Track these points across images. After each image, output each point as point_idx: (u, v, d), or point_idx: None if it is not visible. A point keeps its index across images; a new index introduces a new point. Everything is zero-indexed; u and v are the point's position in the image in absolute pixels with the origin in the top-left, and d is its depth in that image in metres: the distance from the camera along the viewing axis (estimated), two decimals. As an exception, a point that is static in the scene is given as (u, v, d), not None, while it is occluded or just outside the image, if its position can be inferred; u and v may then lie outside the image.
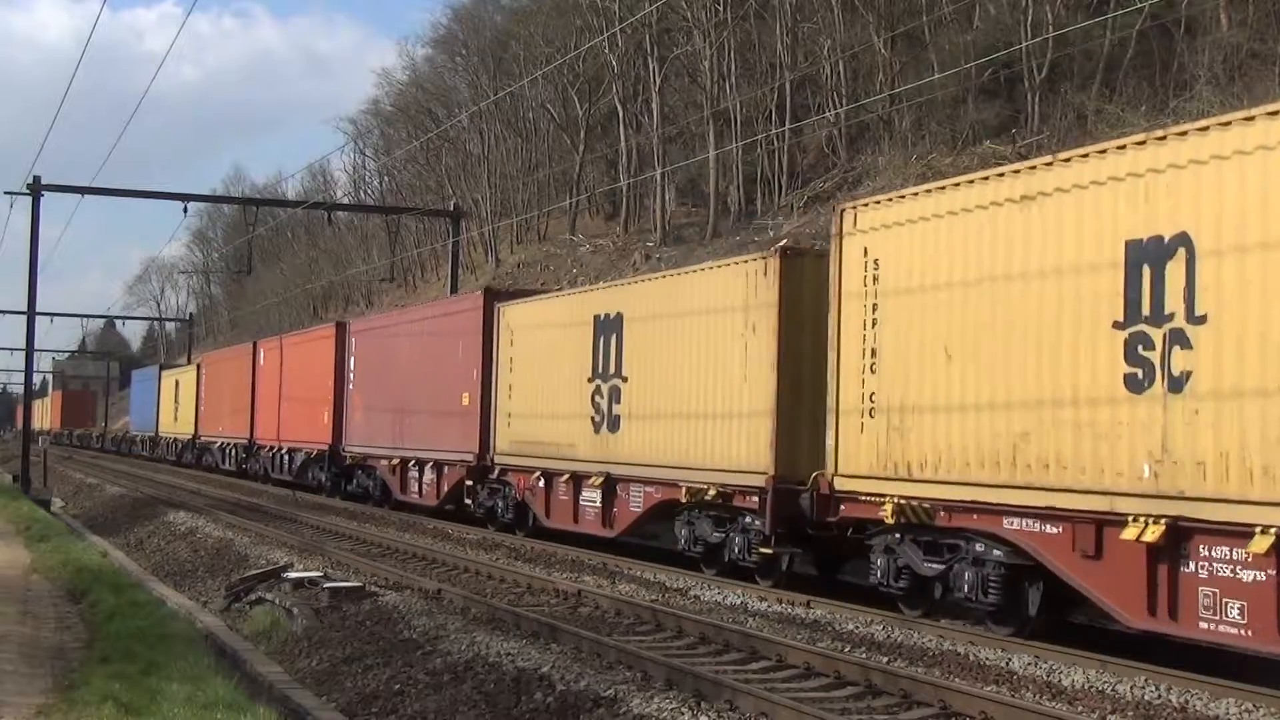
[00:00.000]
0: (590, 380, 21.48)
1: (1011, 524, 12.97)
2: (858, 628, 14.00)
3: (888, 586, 14.91)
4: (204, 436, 53.10)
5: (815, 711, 9.78)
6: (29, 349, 39.34)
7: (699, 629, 13.46)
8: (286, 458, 39.86)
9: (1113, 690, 10.96)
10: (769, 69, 53.40)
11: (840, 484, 15.46)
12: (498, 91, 66.20)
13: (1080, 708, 10.39)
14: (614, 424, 20.66)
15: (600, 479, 20.85)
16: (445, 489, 27.49)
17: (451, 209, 45.52)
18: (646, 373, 19.89)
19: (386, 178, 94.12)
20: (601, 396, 21.02)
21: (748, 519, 17.46)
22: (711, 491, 17.98)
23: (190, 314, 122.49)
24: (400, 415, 30.04)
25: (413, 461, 29.19)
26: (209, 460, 52.15)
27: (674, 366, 19.15)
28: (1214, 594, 11.00)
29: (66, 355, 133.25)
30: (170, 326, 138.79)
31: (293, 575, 17.66)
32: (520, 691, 10.96)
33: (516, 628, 13.82)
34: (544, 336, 23.38)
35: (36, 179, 36.46)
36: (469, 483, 25.87)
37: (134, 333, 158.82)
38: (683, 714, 9.99)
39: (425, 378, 28.56)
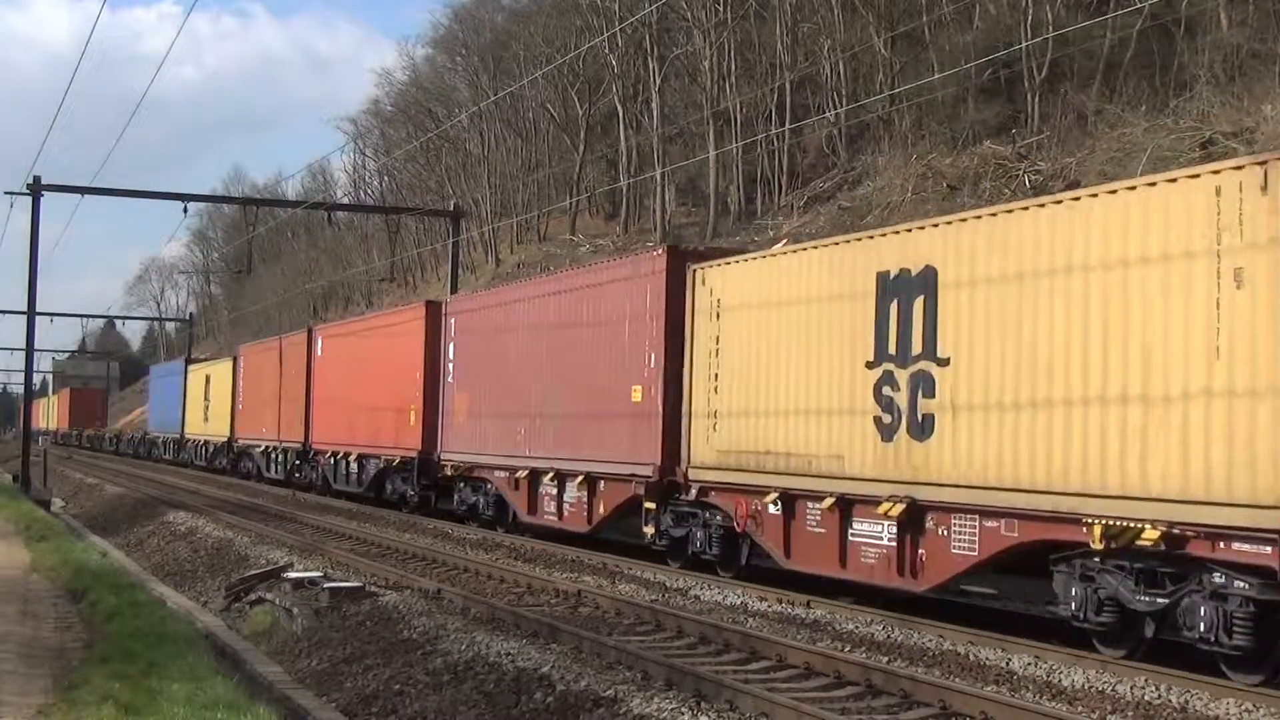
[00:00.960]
0: (872, 366, 15.40)
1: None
2: (858, 628, 13.99)
3: None
4: (242, 439, 46.29)
5: (815, 711, 9.78)
6: (29, 349, 39.32)
7: (699, 629, 13.46)
8: (355, 466, 33.43)
9: (1113, 690, 10.96)
10: (769, 69, 53.40)
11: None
12: (498, 91, 66.21)
13: (1080, 708, 10.39)
14: (921, 426, 14.53)
15: (896, 506, 14.65)
16: (603, 511, 21.35)
17: (451, 209, 45.51)
18: (989, 350, 13.69)
19: (386, 178, 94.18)
20: (896, 388, 14.97)
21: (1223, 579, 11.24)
22: (1149, 532, 11.67)
23: (190, 314, 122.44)
24: (530, 415, 23.90)
25: (549, 474, 22.75)
26: (247, 467, 46.15)
27: (1048, 337, 12.94)
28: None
29: (66, 355, 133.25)
30: (170, 326, 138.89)
31: (293, 575, 17.65)
32: (520, 691, 10.96)
33: (516, 628, 13.82)
34: (777, 307, 17.21)
35: (36, 179, 36.44)
36: (649, 505, 19.49)
37: (134, 332, 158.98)
38: (683, 714, 9.99)
39: (569, 367, 22.54)
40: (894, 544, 14.73)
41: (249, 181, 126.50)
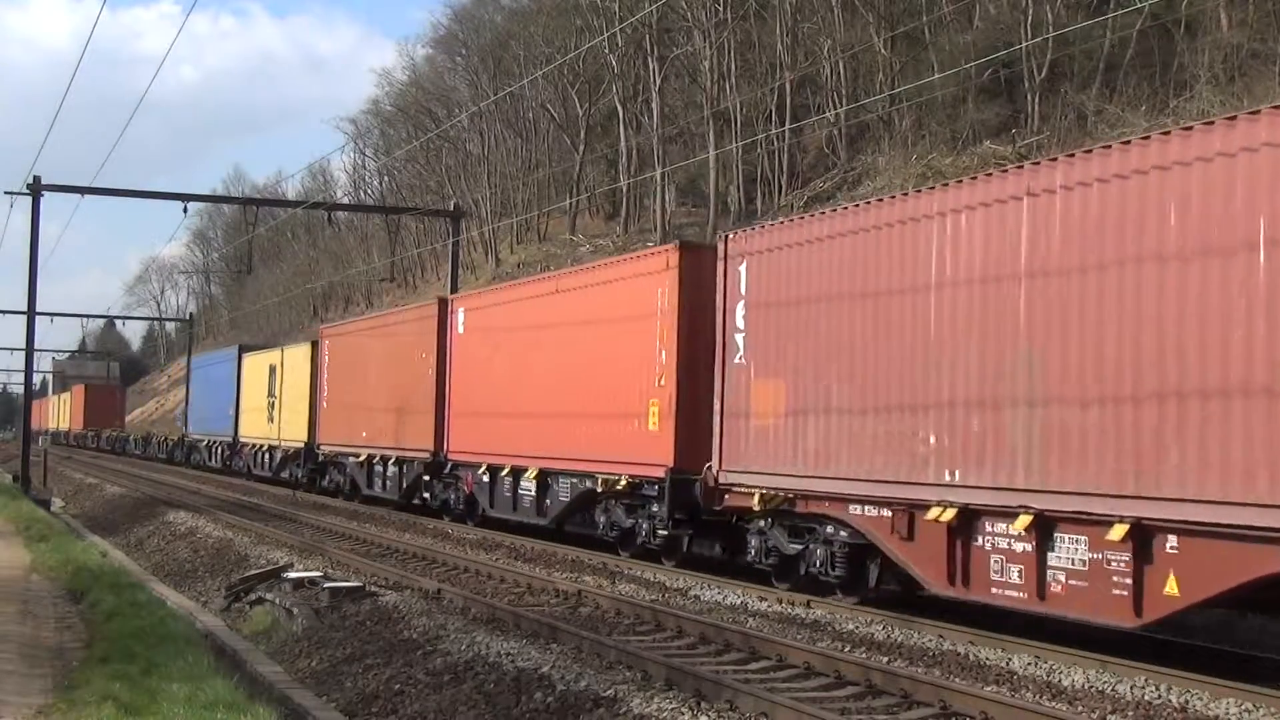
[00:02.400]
0: None
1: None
2: (858, 628, 14.00)
3: None
4: (329, 446, 35.56)
5: (815, 711, 9.78)
6: (29, 349, 39.30)
7: (699, 629, 13.46)
8: (531, 488, 23.29)
9: (1113, 690, 10.96)
10: (769, 69, 53.41)
11: None
12: (498, 91, 66.23)
13: (1080, 708, 10.38)
14: None
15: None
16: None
17: (451, 209, 45.48)
18: None
19: (386, 178, 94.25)
20: None
21: None
22: None
23: (190, 314, 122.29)
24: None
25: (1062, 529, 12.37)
26: (336, 481, 35.89)
27: None
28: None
29: (66, 355, 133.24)
30: (170, 326, 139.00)
31: (293, 575, 17.65)
32: (520, 691, 10.96)
33: (516, 628, 13.82)
34: None
35: (36, 179, 36.43)
36: None
37: (134, 332, 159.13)
38: (683, 714, 9.99)
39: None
40: None
41: (249, 181, 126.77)
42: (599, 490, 20.67)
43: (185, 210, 38.68)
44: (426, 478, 27.99)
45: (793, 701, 10.07)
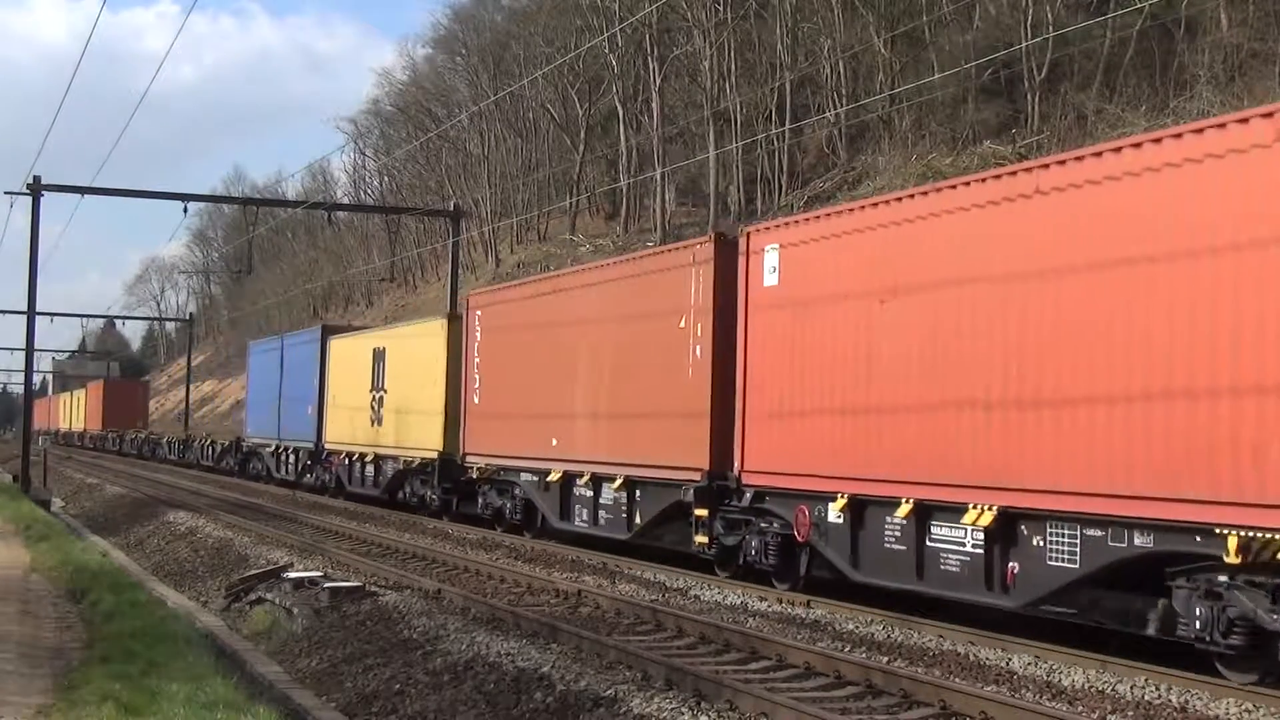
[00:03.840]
0: None
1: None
2: (858, 628, 13.99)
3: None
4: (485, 458, 25.07)
5: (815, 711, 9.78)
6: (29, 349, 39.30)
7: (699, 629, 13.46)
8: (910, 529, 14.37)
9: (1113, 690, 10.96)
10: (769, 69, 53.42)
11: None
12: (498, 91, 66.21)
13: (1080, 708, 10.38)
14: None
15: None
16: None
17: (451, 209, 45.48)
18: None
19: (386, 178, 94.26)
20: None
21: None
22: None
23: (190, 314, 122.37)
24: None
25: None
26: (490, 506, 25.31)
27: None
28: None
29: (66, 355, 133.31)
30: (170, 326, 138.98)
31: (293, 575, 17.65)
32: (520, 691, 10.96)
33: (516, 627, 13.81)
34: None
35: (36, 179, 36.43)
36: None
37: (134, 332, 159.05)
38: (683, 714, 9.99)
39: None
40: None
41: (249, 181, 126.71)
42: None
43: (185, 210, 38.72)
44: (700, 513, 17.87)
45: (793, 701, 10.07)
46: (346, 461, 34.64)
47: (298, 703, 10.91)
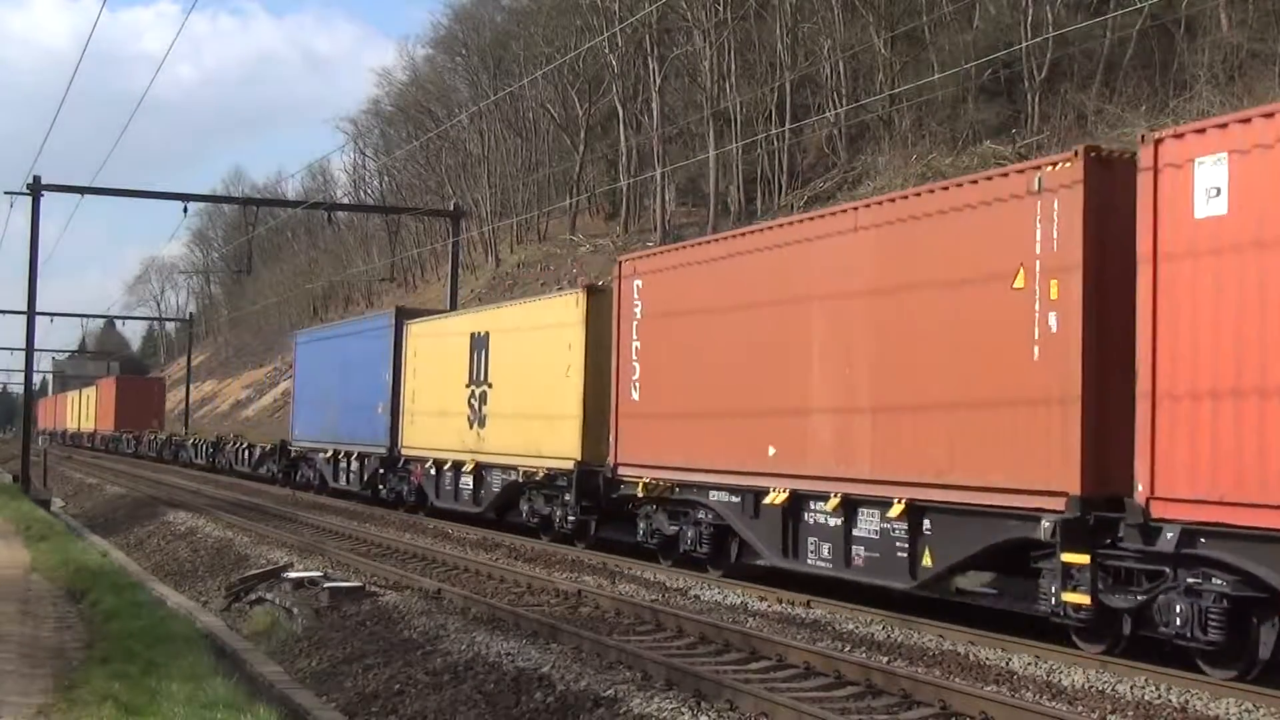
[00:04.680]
0: None
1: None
2: (858, 628, 13.99)
3: None
4: (655, 471, 19.24)
5: (815, 711, 9.77)
6: (29, 349, 39.32)
7: (699, 629, 13.45)
8: None
9: (1113, 690, 10.96)
10: (769, 69, 53.43)
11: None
12: (498, 91, 66.25)
13: (1080, 708, 10.38)
14: None
15: None
16: None
17: (451, 209, 45.51)
18: None
19: (386, 178, 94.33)
20: None
21: None
22: None
23: (190, 314, 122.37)
24: None
25: None
26: (656, 531, 19.48)
27: None
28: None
29: (66, 355, 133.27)
30: (170, 326, 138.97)
31: (293, 575, 17.65)
32: (520, 691, 10.96)
33: (516, 627, 13.81)
34: None
35: (36, 179, 36.44)
36: None
37: (134, 332, 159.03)
38: (683, 714, 9.99)
39: None
40: None
41: (249, 181, 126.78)
42: None
43: (185, 210, 38.77)
44: (1075, 559, 12.03)
45: (793, 701, 10.07)
46: (434, 471, 27.85)
47: (298, 703, 10.91)
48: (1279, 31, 35.06)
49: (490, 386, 25.54)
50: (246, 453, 47.10)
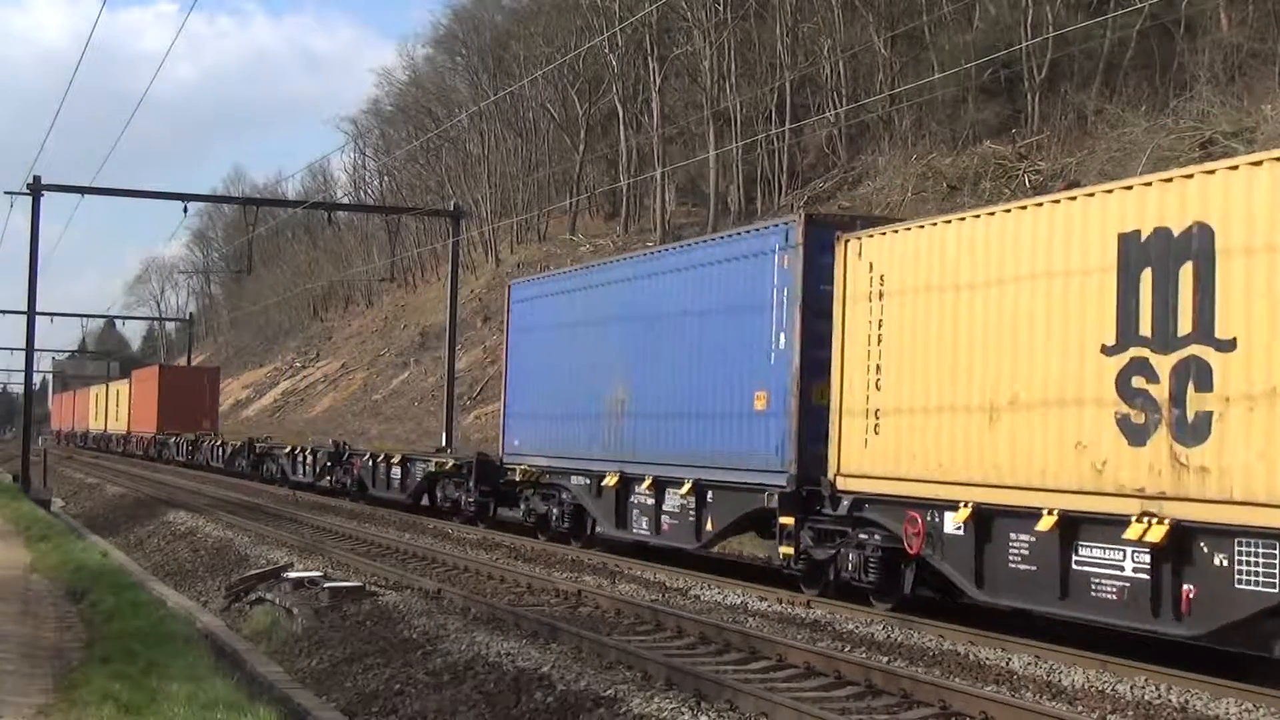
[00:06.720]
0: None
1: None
2: (858, 628, 13.99)
3: None
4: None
5: (815, 711, 9.78)
6: (29, 349, 39.32)
7: (699, 629, 13.46)
8: None
9: (1113, 690, 10.96)
10: (769, 69, 53.43)
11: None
12: (498, 91, 66.27)
13: (1080, 708, 10.39)
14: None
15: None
16: None
17: (451, 209, 45.50)
18: None
19: (386, 178, 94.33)
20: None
21: None
22: None
23: (190, 314, 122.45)
24: None
25: None
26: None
27: None
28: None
29: (66, 355, 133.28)
30: (170, 326, 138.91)
31: (293, 575, 17.64)
32: (520, 691, 10.96)
33: (516, 627, 13.81)
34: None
35: (36, 179, 36.45)
36: None
37: (134, 332, 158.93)
38: (683, 714, 9.99)
39: None
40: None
41: (249, 181, 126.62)
42: None
43: (185, 210, 38.81)
44: None
45: (793, 701, 10.07)
46: (940, 523, 14.01)
47: (298, 703, 10.91)
48: (1279, 31, 35.04)
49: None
50: (400, 475, 31.11)
